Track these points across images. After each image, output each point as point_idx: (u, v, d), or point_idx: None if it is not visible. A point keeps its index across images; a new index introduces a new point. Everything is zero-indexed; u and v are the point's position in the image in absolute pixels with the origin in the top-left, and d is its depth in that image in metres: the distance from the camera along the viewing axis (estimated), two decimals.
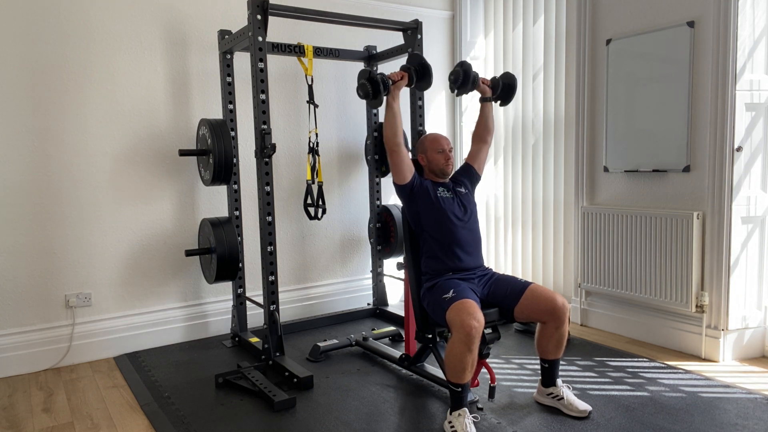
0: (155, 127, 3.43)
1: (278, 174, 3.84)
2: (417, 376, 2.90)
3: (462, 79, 2.68)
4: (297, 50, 3.41)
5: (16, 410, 2.65)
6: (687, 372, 2.86)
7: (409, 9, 4.29)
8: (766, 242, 3.02)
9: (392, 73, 2.57)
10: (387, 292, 4.12)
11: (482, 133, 2.84)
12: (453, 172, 2.75)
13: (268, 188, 2.99)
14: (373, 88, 2.50)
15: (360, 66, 4.01)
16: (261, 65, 2.90)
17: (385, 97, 2.57)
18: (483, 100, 2.83)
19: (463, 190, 2.71)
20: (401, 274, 3.24)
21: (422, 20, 3.58)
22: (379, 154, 3.92)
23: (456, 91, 2.74)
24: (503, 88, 2.83)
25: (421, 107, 3.49)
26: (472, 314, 2.19)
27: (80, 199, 3.24)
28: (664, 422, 2.33)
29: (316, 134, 3.40)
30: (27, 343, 3.12)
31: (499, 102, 2.88)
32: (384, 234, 3.97)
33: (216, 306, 3.68)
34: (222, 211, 3.65)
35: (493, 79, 2.84)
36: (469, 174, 2.79)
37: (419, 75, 2.62)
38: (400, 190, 2.62)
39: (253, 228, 3.73)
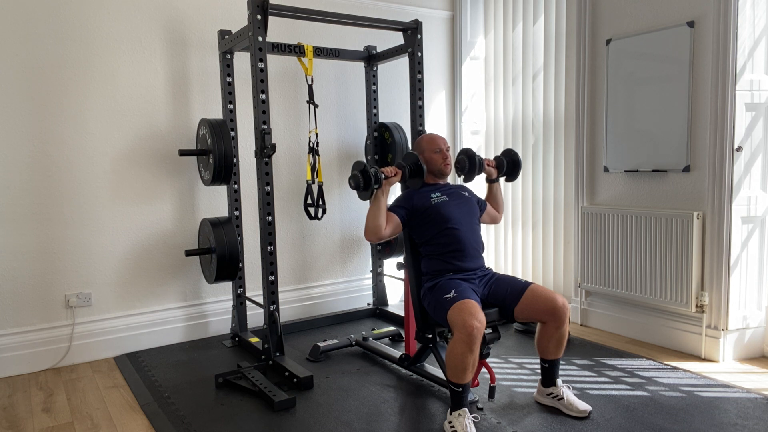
0: (155, 127, 3.43)
1: (278, 174, 3.84)
2: (417, 376, 2.90)
3: (468, 167, 2.75)
4: (297, 50, 3.42)
5: (16, 410, 2.65)
6: (687, 372, 2.86)
7: (409, 9, 4.29)
8: (766, 242, 3.02)
9: (386, 169, 2.56)
10: (387, 292, 4.12)
11: (494, 215, 2.91)
12: (463, 181, 2.79)
13: (268, 188, 2.99)
14: (364, 181, 2.50)
15: (360, 66, 4.02)
16: (261, 65, 2.90)
17: (375, 191, 2.54)
18: (490, 181, 2.89)
19: (466, 194, 2.72)
20: (401, 274, 3.24)
21: (422, 20, 3.58)
22: (379, 154, 3.92)
23: (464, 177, 2.79)
24: (508, 166, 2.88)
25: (421, 107, 3.49)
26: (474, 314, 2.19)
27: (80, 199, 3.24)
28: (664, 422, 2.33)
29: (316, 134, 3.40)
30: (27, 343, 3.12)
31: (505, 179, 2.92)
32: None
33: (216, 306, 3.68)
34: (222, 211, 3.65)
35: (497, 158, 2.87)
36: (480, 204, 2.81)
37: (412, 173, 2.62)
38: (403, 231, 2.66)
39: (253, 228, 3.73)
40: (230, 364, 3.13)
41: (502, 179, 2.93)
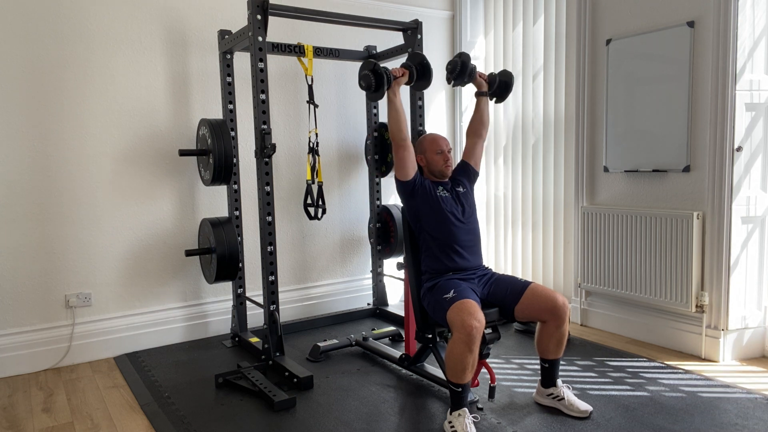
0: (155, 127, 3.43)
1: (278, 174, 3.84)
2: (417, 376, 2.90)
3: (459, 69, 2.68)
4: (297, 50, 3.42)
5: (16, 410, 2.65)
6: (687, 372, 2.86)
7: (409, 9, 4.29)
8: (766, 242, 3.02)
9: (393, 69, 2.58)
10: (387, 292, 4.12)
11: (477, 127, 2.82)
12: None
13: (268, 188, 2.99)
14: (376, 80, 2.50)
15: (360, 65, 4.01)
16: (261, 65, 2.90)
17: (386, 92, 2.56)
18: (478, 94, 2.83)
19: (461, 189, 2.70)
20: (401, 274, 3.24)
21: (422, 20, 3.58)
22: (379, 154, 3.92)
23: (452, 81, 2.73)
24: (499, 85, 2.84)
25: (421, 107, 3.49)
26: (473, 314, 2.19)
27: (80, 199, 3.24)
28: (664, 422, 2.33)
29: (316, 134, 3.40)
30: (27, 343, 3.12)
31: (494, 99, 2.88)
32: (384, 234, 3.97)
33: (216, 306, 3.68)
34: (222, 211, 3.65)
35: (491, 74, 2.84)
36: (467, 172, 2.78)
37: (419, 74, 2.62)
38: (402, 186, 2.61)
39: (253, 228, 3.73)
40: (230, 364, 3.13)
41: (491, 102, 2.87)
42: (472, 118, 2.85)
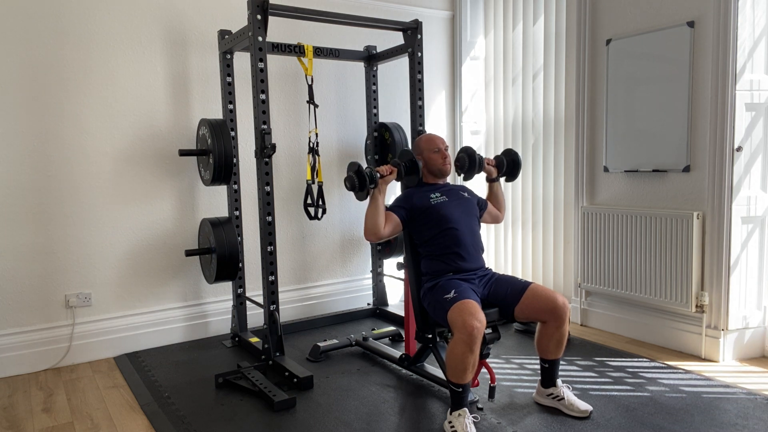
0: (155, 127, 3.43)
1: (278, 174, 3.84)
2: (417, 376, 2.90)
3: (468, 165, 2.74)
4: (297, 50, 3.41)
5: (16, 410, 2.64)
6: (687, 372, 2.86)
7: (409, 9, 4.29)
8: (766, 242, 3.02)
9: (381, 168, 2.56)
10: (387, 292, 4.12)
11: (495, 212, 2.90)
12: (462, 182, 2.78)
13: (268, 188, 2.99)
14: (359, 182, 2.49)
15: (360, 66, 4.02)
16: (261, 65, 2.90)
17: (372, 190, 2.54)
18: (490, 180, 2.88)
19: (466, 195, 2.72)
20: (401, 274, 3.24)
21: (422, 20, 3.58)
22: (379, 154, 3.92)
23: (463, 176, 2.79)
24: (508, 165, 2.88)
25: (421, 107, 3.49)
26: (474, 315, 2.19)
27: (80, 199, 3.24)
28: (664, 422, 2.33)
29: (316, 134, 3.40)
30: (27, 343, 3.12)
31: (505, 178, 2.92)
32: None
33: (216, 306, 3.68)
34: (222, 211, 3.65)
35: (497, 158, 2.87)
36: (480, 202, 2.81)
37: (407, 171, 2.62)
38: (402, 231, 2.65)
39: (253, 228, 3.73)
40: (230, 364, 3.13)
41: (502, 179, 2.93)
42: (490, 204, 2.89)
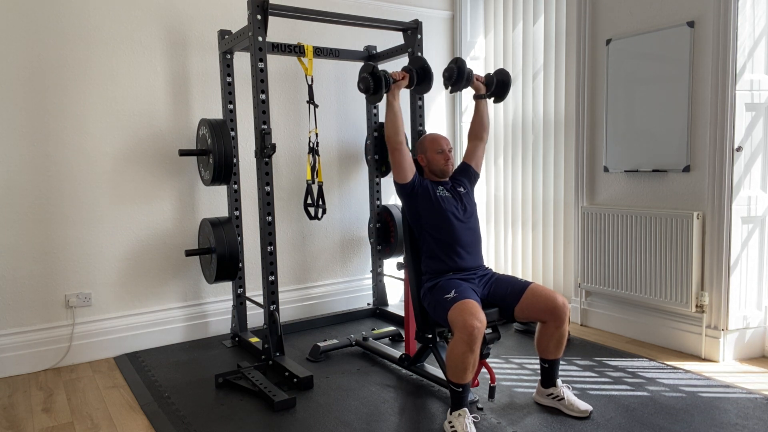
0: (155, 127, 3.43)
1: (278, 174, 3.84)
2: (417, 376, 2.90)
3: (456, 75, 2.67)
4: (297, 50, 3.41)
5: (16, 410, 2.64)
6: (687, 372, 2.86)
7: (409, 9, 4.29)
8: (766, 242, 3.02)
9: (394, 72, 2.57)
10: (387, 292, 4.12)
11: (478, 130, 2.83)
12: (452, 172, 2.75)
13: (268, 188, 2.99)
14: (374, 83, 2.49)
15: (360, 66, 4.01)
16: (261, 65, 2.90)
17: (385, 95, 2.55)
18: (477, 97, 2.83)
19: (462, 189, 2.70)
20: (401, 274, 3.24)
21: (422, 20, 3.58)
22: (379, 154, 3.92)
23: (450, 88, 2.73)
24: (497, 85, 2.83)
25: (421, 107, 3.49)
26: (475, 314, 2.19)
27: (80, 199, 3.24)
28: (664, 422, 2.33)
29: (316, 134, 3.40)
30: (27, 343, 3.12)
31: (493, 99, 2.88)
32: (384, 234, 3.97)
33: (216, 306, 3.68)
34: (222, 211, 3.65)
35: (487, 75, 2.83)
36: (468, 173, 2.79)
37: (420, 78, 2.61)
38: (401, 188, 2.61)
39: (253, 228, 3.73)
40: (230, 364, 3.13)
41: (490, 101, 2.88)
42: (473, 121, 2.85)
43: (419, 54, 3.43)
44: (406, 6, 4.28)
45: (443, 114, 4.59)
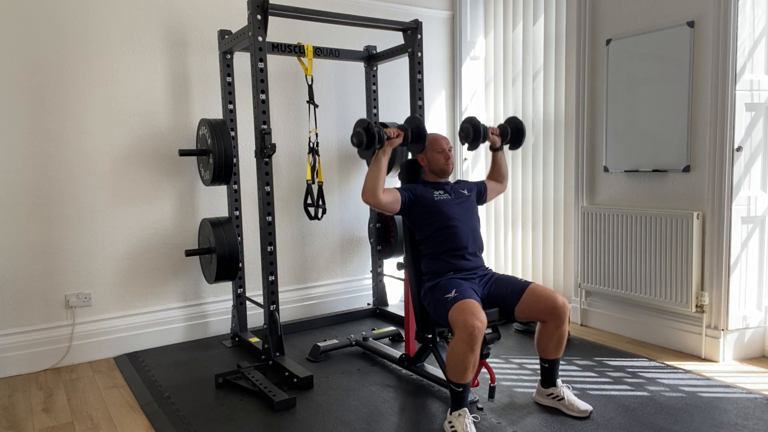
0: (155, 127, 3.43)
1: (278, 174, 3.84)
2: (417, 376, 2.90)
3: (473, 135, 2.73)
4: (297, 50, 3.41)
5: (16, 410, 2.64)
6: (687, 372, 2.86)
7: (409, 9, 4.29)
8: (766, 242, 3.02)
9: (389, 129, 2.55)
10: (387, 292, 4.12)
11: (498, 179, 2.91)
12: (463, 178, 2.76)
13: (268, 188, 2.99)
14: (368, 139, 2.48)
15: (360, 66, 4.02)
16: (261, 65, 2.90)
17: (377, 151, 2.53)
18: (494, 149, 2.87)
19: (466, 192, 2.71)
20: (401, 274, 3.24)
21: (422, 20, 3.58)
22: None
23: (468, 146, 2.78)
24: (512, 134, 2.86)
25: (422, 107, 3.49)
26: (475, 314, 2.19)
27: (80, 199, 3.24)
28: (664, 422, 2.33)
29: (316, 134, 3.40)
30: (27, 343, 3.12)
31: (509, 146, 2.91)
32: (384, 234, 3.97)
33: (216, 306, 3.68)
34: (222, 211, 3.65)
35: (501, 126, 2.86)
36: (480, 190, 2.81)
37: (414, 137, 2.61)
38: (396, 214, 2.64)
39: (253, 228, 3.73)
40: (230, 364, 3.13)
41: (506, 147, 2.91)
42: (492, 172, 2.91)
43: (419, 54, 3.44)
44: (406, 6, 4.28)
45: (443, 114, 4.59)
